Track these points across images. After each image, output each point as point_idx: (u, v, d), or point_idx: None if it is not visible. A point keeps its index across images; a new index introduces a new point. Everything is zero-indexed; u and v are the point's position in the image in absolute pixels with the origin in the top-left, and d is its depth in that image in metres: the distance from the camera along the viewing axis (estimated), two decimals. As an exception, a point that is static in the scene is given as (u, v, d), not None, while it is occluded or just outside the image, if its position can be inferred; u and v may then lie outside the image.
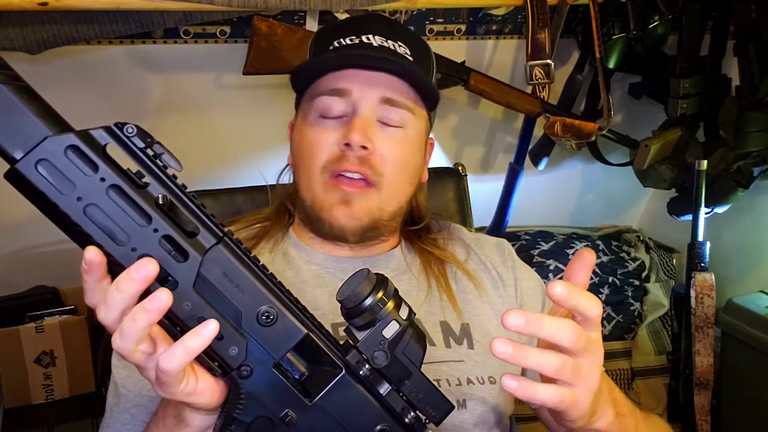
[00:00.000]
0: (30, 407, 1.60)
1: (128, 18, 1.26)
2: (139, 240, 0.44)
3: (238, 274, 0.47)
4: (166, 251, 0.45)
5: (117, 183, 0.43)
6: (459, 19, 1.66)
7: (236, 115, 1.61)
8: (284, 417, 0.50)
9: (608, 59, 1.61)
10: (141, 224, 0.44)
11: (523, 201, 1.81)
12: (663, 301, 1.95)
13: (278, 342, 0.49)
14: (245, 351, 0.48)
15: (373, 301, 0.51)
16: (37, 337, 1.58)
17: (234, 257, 0.48)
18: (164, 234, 0.45)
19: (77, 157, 0.43)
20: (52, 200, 0.43)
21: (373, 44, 0.83)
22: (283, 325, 0.49)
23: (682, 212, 1.77)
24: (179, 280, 0.46)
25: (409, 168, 0.85)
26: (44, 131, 0.42)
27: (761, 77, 1.51)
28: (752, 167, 1.63)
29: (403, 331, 0.52)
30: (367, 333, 0.52)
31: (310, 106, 0.84)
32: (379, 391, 0.53)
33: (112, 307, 0.45)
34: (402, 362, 0.52)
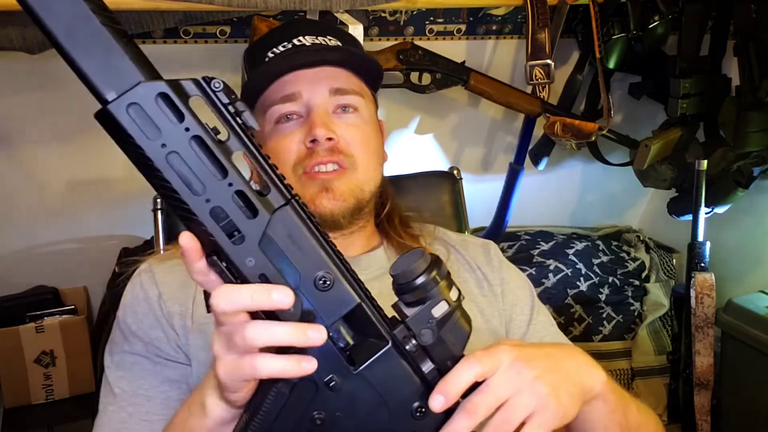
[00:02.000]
0: (30, 407, 1.60)
1: (128, 18, 1.26)
2: (214, 192, 0.45)
3: (302, 236, 0.48)
4: (237, 206, 0.46)
5: (200, 134, 0.45)
6: (459, 19, 1.67)
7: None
8: (329, 382, 0.51)
9: (608, 59, 1.61)
10: (217, 177, 0.45)
11: (523, 201, 1.81)
12: (663, 301, 1.95)
13: (332, 308, 0.50)
14: (299, 311, 0.49)
15: (426, 279, 0.52)
16: (37, 337, 1.58)
17: (300, 219, 0.49)
18: (237, 189, 0.46)
19: (166, 105, 0.43)
20: (138, 143, 0.44)
21: (306, 44, 0.85)
22: (338, 291, 0.50)
23: (682, 212, 1.77)
24: (246, 235, 0.46)
25: (373, 147, 0.87)
26: (138, 76, 0.43)
27: (761, 77, 1.51)
28: (752, 167, 1.63)
29: (452, 312, 0.53)
30: (417, 310, 0.52)
31: (264, 119, 0.86)
32: (423, 368, 0.53)
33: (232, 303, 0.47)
34: (447, 343, 0.53)
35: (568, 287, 1.88)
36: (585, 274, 1.90)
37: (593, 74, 1.70)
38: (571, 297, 1.88)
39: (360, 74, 0.88)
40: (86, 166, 1.56)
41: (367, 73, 0.88)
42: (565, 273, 1.89)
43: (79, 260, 1.68)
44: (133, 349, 0.77)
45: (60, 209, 1.61)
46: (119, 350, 0.78)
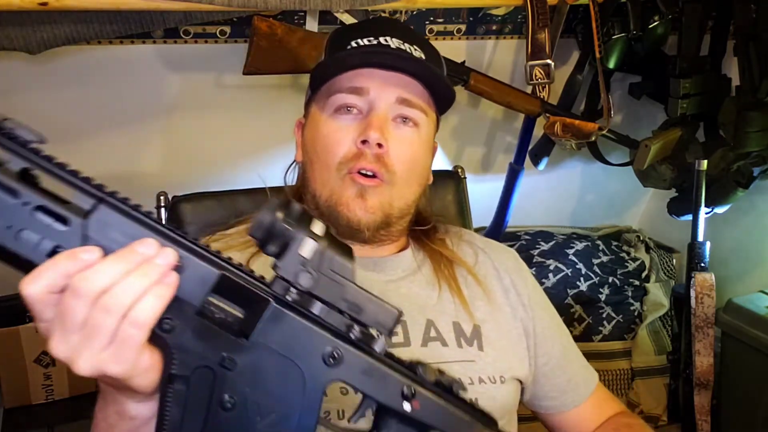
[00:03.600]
0: (30, 407, 1.60)
1: (128, 18, 1.26)
2: (11, 215, 0.42)
3: (129, 229, 0.45)
4: (44, 223, 0.43)
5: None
6: (459, 19, 1.66)
7: (236, 116, 1.61)
8: (222, 362, 0.49)
9: (608, 59, 1.61)
10: (8, 200, 0.42)
11: (523, 201, 1.81)
12: (663, 301, 1.95)
13: (193, 287, 0.47)
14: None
15: (279, 223, 0.49)
16: (37, 337, 1.58)
17: (120, 213, 0.45)
18: (36, 205, 0.43)
19: None
20: None
21: (390, 45, 0.85)
22: (193, 270, 0.47)
23: (682, 212, 1.77)
24: (66, 246, 0.44)
25: (419, 168, 0.87)
26: None
27: (761, 77, 1.51)
28: (752, 167, 1.63)
29: (322, 248, 0.50)
30: (284, 257, 0.49)
31: (326, 102, 0.86)
32: (315, 313, 0.51)
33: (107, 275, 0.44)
34: (332, 279, 0.50)
35: (568, 287, 1.88)
36: (585, 274, 1.90)
37: (593, 74, 1.70)
38: (571, 297, 1.88)
39: (432, 94, 0.87)
40: (86, 165, 1.55)
41: (439, 93, 0.88)
42: (565, 273, 1.89)
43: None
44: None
45: (60, 209, 1.61)
46: None
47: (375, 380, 0.53)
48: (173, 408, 0.48)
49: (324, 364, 0.51)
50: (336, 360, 0.51)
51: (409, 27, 0.95)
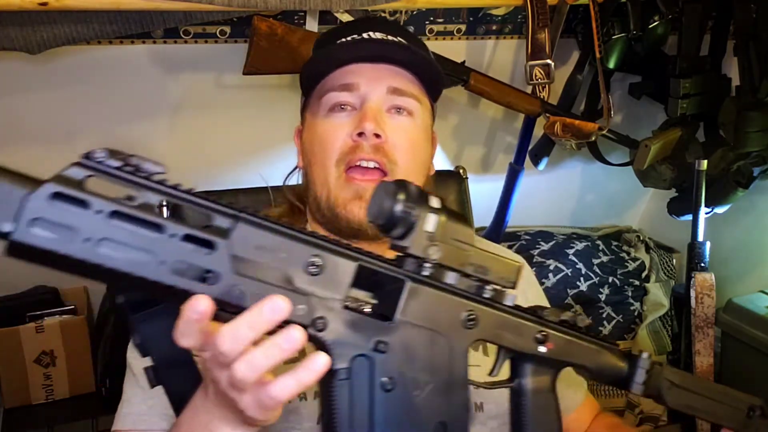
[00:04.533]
0: (30, 407, 1.60)
1: (128, 18, 1.26)
2: (162, 250, 0.43)
3: (268, 240, 0.47)
4: (192, 250, 0.44)
5: (113, 209, 0.42)
6: (459, 19, 1.66)
7: (236, 115, 1.61)
8: (376, 347, 0.51)
9: (608, 59, 1.61)
10: (156, 236, 0.43)
11: (523, 201, 1.81)
12: (663, 301, 1.95)
13: (336, 283, 0.49)
14: (311, 305, 0.48)
15: (401, 207, 0.51)
16: (37, 337, 1.58)
17: (256, 227, 0.47)
18: (182, 235, 0.44)
19: (64, 202, 0.40)
20: (62, 253, 0.40)
21: (374, 38, 0.85)
22: (333, 266, 0.49)
23: (682, 212, 1.77)
24: (217, 270, 0.45)
25: (420, 156, 0.87)
26: (19, 192, 0.40)
27: (761, 77, 1.51)
28: (752, 167, 1.63)
29: (444, 220, 0.53)
30: (411, 236, 0.52)
31: (319, 104, 0.86)
32: (449, 282, 0.54)
33: (239, 342, 0.46)
34: (456, 246, 0.53)
35: (568, 287, 1.88)
36: (585, 274, 1.90)
37: (593, 74, 1.70)
38: (571, 297, 1.88)
39: (423, 80, 0.87)
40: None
41: (429, 80, 0.88)
42: (565, 273, 1.89)
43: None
44: None
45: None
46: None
47: (510, 332, 0.58)
48: (340, 399, 0.50)
49: (463, 327, 0.54)
50: (473, 322, 0.55)
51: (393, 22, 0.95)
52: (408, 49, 0.84)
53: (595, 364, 0.65)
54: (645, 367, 0.67)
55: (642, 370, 0.66)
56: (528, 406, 0.62)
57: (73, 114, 1.48)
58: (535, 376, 0.61)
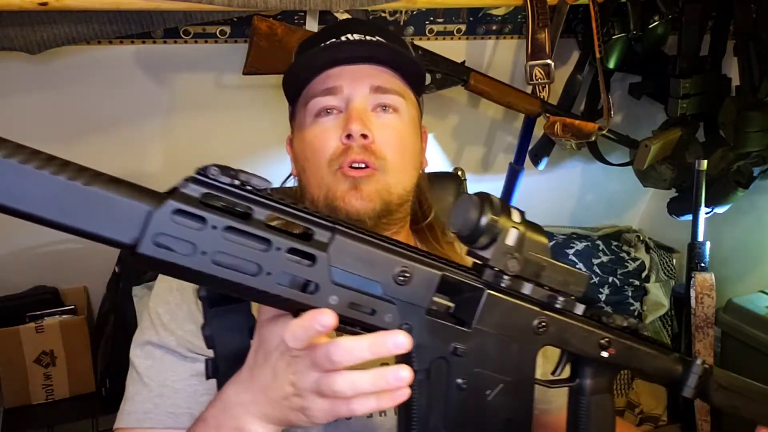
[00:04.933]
0: (30, 407, 1.60)
1: (128, 18, 1.26)
2: (269, 263, 0.46)
3: (362, 251, 0.50)
4: (296, 262, 0.48)
5: (228, 225, 0.45)
6: (459, 19, 1.67)
7: (236, 115, 1.61)
8: (454, 351, 0.55)
9: (608, 59, 1.61)
10: (264, 249, 0.46)
11: (523, 201, 1.81)
12: (663, 301, 1.95)
13: (421, 292, 0.53)
14: (398, 313, 0.52)
15: (486, 221, 0.54)
16: (37, 337, 1.58)
17: (351, 239, 0.50)
18: (288, 248, 0.47)
19: (184, 218, 0.44)
20: (183, 265, 0.44)
21: (352, 40, 0.86)
22: (420, 276, 0.52)
23: (682, 212, 1.77)
24: (317, 281, 0.48)
25: (409, 151, 0.87)
26: (143, 208, 0.43)
27: (761, 77, 1.51)
28: (752, 167, 1.63)
29: (523, 234, 0.56)
30: (492, 249, 0.55)
31: (305, 111, 0.86)
32: (524, 293, 0.57)
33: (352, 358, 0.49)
34: (533, 260, 0.57)
35: (568, 287, 1.88)
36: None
37: (593, 74, 1.70)
38: (571, 297, 1.88)
39: (405, 77, 0.88)
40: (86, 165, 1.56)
41: (411, 75, 0.88)
42: (565, 273, 1.89)
43: (79, 260, 1.68)
44: (164, 341, 0.77)
45: (60, 209, 1.61)
46: (147, 340, 0.78)
47: (576, 339, 0.62)
48: (420, 398, 0.54)
49: (534, 334, 0.58)
50: (544, 329, 0.59)
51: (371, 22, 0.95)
52: (387, 47, 0.85)
53: (651, 368, 0.69)
54: (698, 372, 0.71)
55: (695, 375, 0.71)
56: (586, 405, 0.66)
57: (72, 114, 1.48)
58: (595, 378, 0.65)
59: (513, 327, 0.57)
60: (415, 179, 0.89)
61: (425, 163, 0.95)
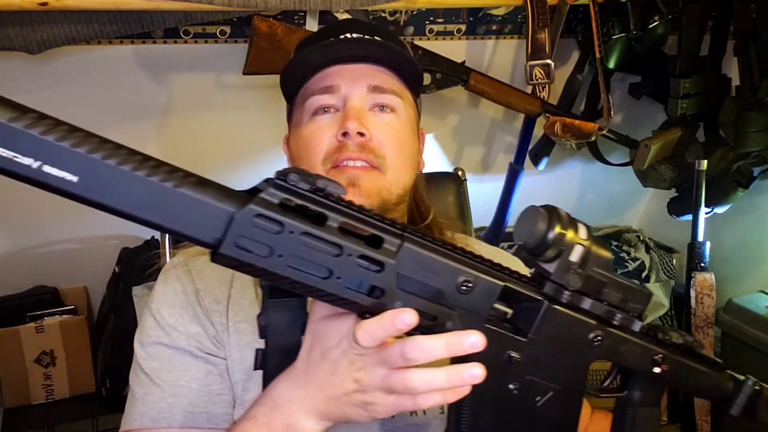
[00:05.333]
0: (30, 407, 1.60)
1: (128, 18, 1.26)
2: (340, 268, 0.48)
3: (427, 259, 0.52)
4: (365, 268, 0.49)
5: (304, 230, 0.47)
6: (459, 19, 1.67)
7: (236, 115, 1.61)
8: (509, 359, 0.56)
9: (608, 59, 1.61)
10: (336, 254, 0.48)
11: (523, 201, 1.81)
12: (663, 301, 1.95)
13: (482, 301, 0.54)
14: (459, 320, 0.53)
15: (553, 235, 0.55)
16: (37, 337, 1.58)
17: (419, 247, 0.51)
18: (358, 255, 0.49)
19: (264, 221, 0.46)
20: (260, 266, 0.46)
21: (350, 39, 0.85)
22: (482, 285, 0.54)
23: (682, 212, 1.77)
24: (383, 287, 0.50)
25: (406, 150, 0.86)
26: (227, 210, 0.45)
27: (761, 77, 1.51)
28: (752, 167, 1.63)
29: (588, 250, 0.56)
30: (556, 264, 0.56)
31: (302, 109, 0.86)
32: (583, 307, 0.58)
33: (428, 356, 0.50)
34: (595, 276, 0.57)
35: (568, 287, 1.88)
36: (585, 274, 1.90)
37: (593, 74, 1.70)
38: (571, 297, 1.88)
39: (402, 77, 0.87)
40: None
41: (409, 75, 0.88)
42: (565, 273, 1.89)
43: (79, 260, 1.68)
44: (173, 341, 0.76)
45: (60, 209, 1.61)
46: (154, 341, 0.77)
47: (630, 354, 0.62)
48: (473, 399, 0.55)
49: (589, 347, 0.59)
50: (599, 342, 0.59)
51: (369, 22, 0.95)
52: (385, 47, 0.84)
53: (702, 386, 0.70)
54: (748, 392, 0.71)
55: (744, 395, 0.71)
56: (632, 417, 0.67)
57: (72, 114, 1.47)
58: (645, 391, 0.66)
59: (568, 339, 0.58)
60: (412, 180, 0.89)
61: (422, 165, 0.94)
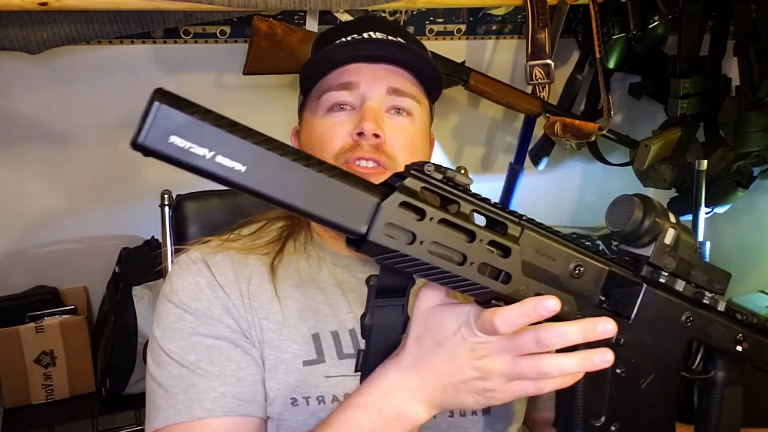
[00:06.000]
0: (30, 407, 1.60)
1: (128, 18, 1.26)
2: (473, 254, 0.50)
3: (545, 246, 0.55)
4: (493, 253, 0.52)
5: (442, 217, 0.49)
6: (459, 19, 1.67)
7: (236, 116, 1.59)
8: (617, 341, 0.58)
9: (608, 59, 1.61)
10: (469, 240, 0.50)
11: (523, 201, 1.81)
12: (663, 301, 1.95)
13: (592, 285, 0.57)
14: (575, 304, 0.56)
15: (650, 222, 0.58)
16: (37, 337, 1.58)
17: (536, 233, 0.54)
18: (489, 241, 0.51)
19: (407, 210, 0.48)
20: (404, 252, 0.48)
21: (374, 38, 0.85)
22: (591, 270, 0.57)
23: (682, 212, 1.77)
24: (510, 271, 0.52)
25: (418, 155, 0.86)
26: (373, 199, 0.47)
27: (761, 77, 1.51)
28: (752, 167, 1.63)
29: (679, 234, 0.60)
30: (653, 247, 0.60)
31: (318, 103, 0.85)
32: (677, 289, 0.62)
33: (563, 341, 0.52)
34: (685, 259, 0.61)
35: (568, 287, 1.88)
36: (585, 274, 1.90)
37: (593, 74, 1.70)
38: (571, 297, 1.88)
39: (422, 81, 0.87)
40: (88, 165, 1.56)
41: (429, 81, 0.87)
42: (565, 273, 1.89)
43: (79, 260, 1.68)
44: (212, 330, 0.74)
45: (60, 209, 1.61)
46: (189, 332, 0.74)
47: (718, 333, 0.66)
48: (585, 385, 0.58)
49: (682, 327, 0.63)
50: (690, 322, 0.63)
51: (393, 22, 0.95)
52: (409, 50, 0.84)
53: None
54: None
55: None
56: (719, 396, 0.71)
57: (73, 114, 1.48)
58: (728, 370, 0.71)
59: (665, 320, 0.62)
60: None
61: None
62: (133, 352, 1.53)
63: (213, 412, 0.70)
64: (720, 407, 0.71)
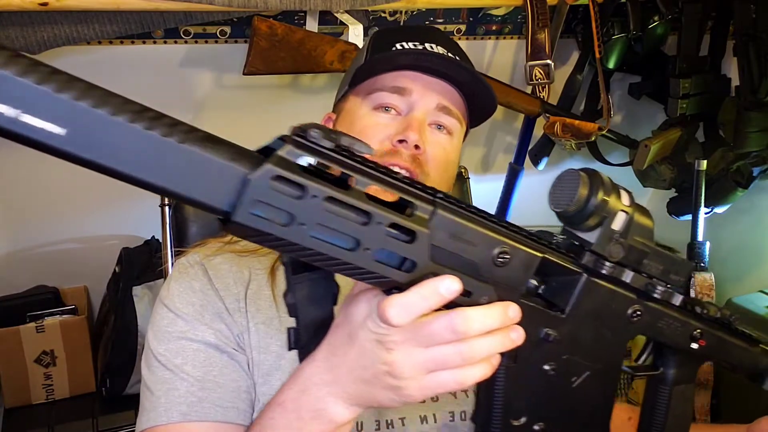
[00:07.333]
0: (30, 407, 1.60)
1: (128, 18, 1.26)
2: (368, 238, 0.42)
3: (463, 230, 0.47)
4: (395, 238, 0.43)
5: (329, 195, 0.40)
6: (459, 19, 1.67)
7: (236, 116, 1.61)
8: (546, 337, 0.52)
9: (608, 59, 1.61)
10: (364, 222, 0.42)
11: (523, 201, 1.81)
12: (663, 301, 1.95)
13: (519, 274, 0.49)
14: (494, 296, 0.48)
15: (596, 202, 0.50)
16: (37, 337, 1.58)
17: (452, 214, 0.46)
18: (388, 223, 0.43)
19: (283, 185, 0.39)
20: (279, 236, 0.40)
21: (437, 53, 0.85)
22: (520, 257, 0.49)
23: (681, 212, 1.77)
24: (415, 259, 0.44)
25: (449, 173, 0.88)
26: (240, 171, 0.38)
27: (761, 77, 1.51)
28: (752, 167, 1.63)
29: (631, 217, 0.52)
30: (597, 233, 0.51)
31: (365, 99, 0.86)
32: (624, 280, 0.54)
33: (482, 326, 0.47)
34: (637, 247, 0.53)
35: (568, 287, 1.88)
36: (585, 274, 1.90)
37: (593, 74, 1.70)
38: (571, 297, 1.88)
39: (471, 104, 0.88)
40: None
41: (477, 106, 0.89)
42: (565, 273, 1.88)
43: (79, 260, 1.68)
44: (199, 335, 0.74)
45: (61, 209, 1.61)
46: (178, 336, 0.74)
47: (670, 329, 0.60)
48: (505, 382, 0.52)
49: (628, 322, 0.56)
50: (638, 317, 0.56)
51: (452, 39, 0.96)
52: (469, 72, 0.85)
53: (737, 361, 0.67)
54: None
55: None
56: (667, 395, 0.65)
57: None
58: (680, 368, 0.65)
59: (607, 314, 0.54)
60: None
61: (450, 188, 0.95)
62: (133, 352, 1.53)
63: (188, 416, 0.71)
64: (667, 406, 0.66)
